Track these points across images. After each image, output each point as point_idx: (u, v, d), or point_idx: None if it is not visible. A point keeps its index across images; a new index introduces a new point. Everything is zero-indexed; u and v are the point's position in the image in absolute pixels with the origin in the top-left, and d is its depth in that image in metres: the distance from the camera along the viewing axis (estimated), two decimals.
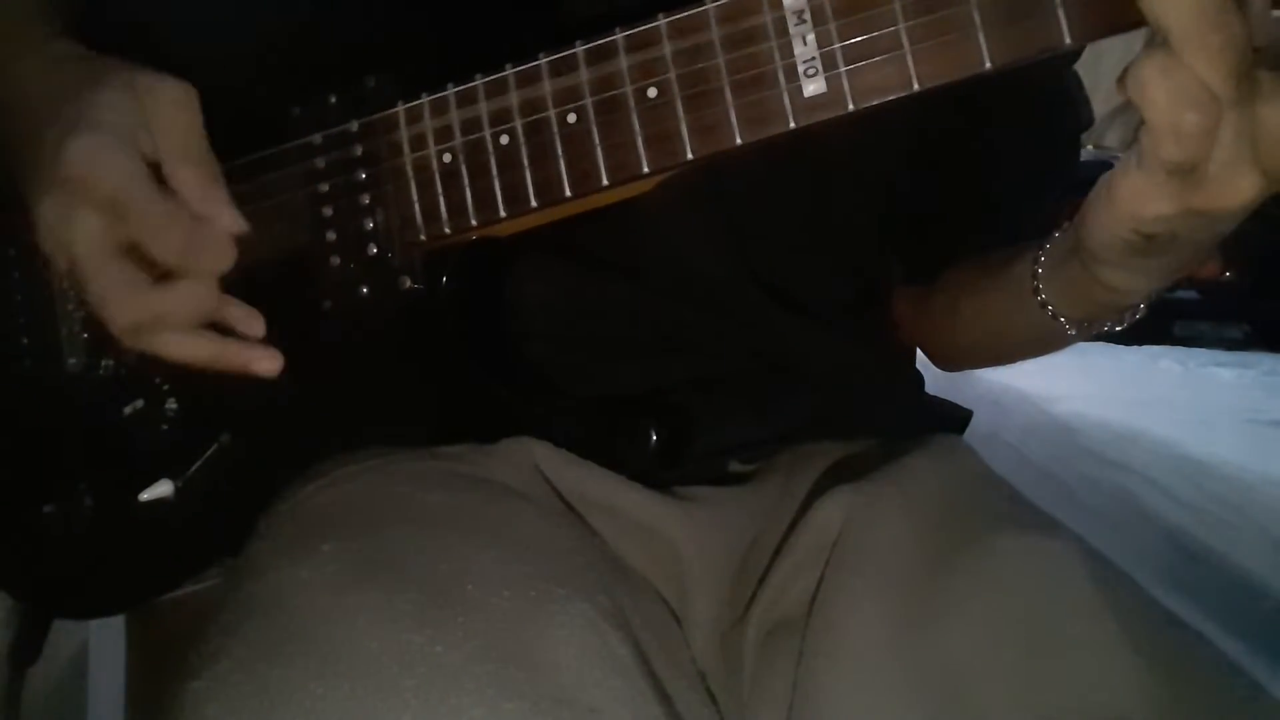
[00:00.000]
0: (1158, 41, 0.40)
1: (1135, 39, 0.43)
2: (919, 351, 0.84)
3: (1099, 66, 0.76)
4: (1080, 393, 1.46)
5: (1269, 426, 1.39)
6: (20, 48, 0.59)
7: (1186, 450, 1.24)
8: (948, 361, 0.81)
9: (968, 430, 0.78)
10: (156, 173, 0.53)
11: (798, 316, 0.70)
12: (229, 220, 0.54)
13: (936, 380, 0.80)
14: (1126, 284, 0.52)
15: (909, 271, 0.77)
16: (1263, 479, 1.14)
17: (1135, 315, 0.57)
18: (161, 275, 0.53)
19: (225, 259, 0.53)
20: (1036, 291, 0.58)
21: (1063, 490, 1.37)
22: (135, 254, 0.53)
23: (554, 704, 0.44)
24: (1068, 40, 0.42)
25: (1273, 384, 1.72)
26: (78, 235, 0.52)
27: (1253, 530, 1.11)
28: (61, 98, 0.54)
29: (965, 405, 0.79)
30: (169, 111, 0.53)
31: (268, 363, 0.56)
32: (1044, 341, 0.65)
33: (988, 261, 0.68)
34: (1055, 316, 0.58)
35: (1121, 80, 0.41)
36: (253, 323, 0.57)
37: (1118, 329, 0.58)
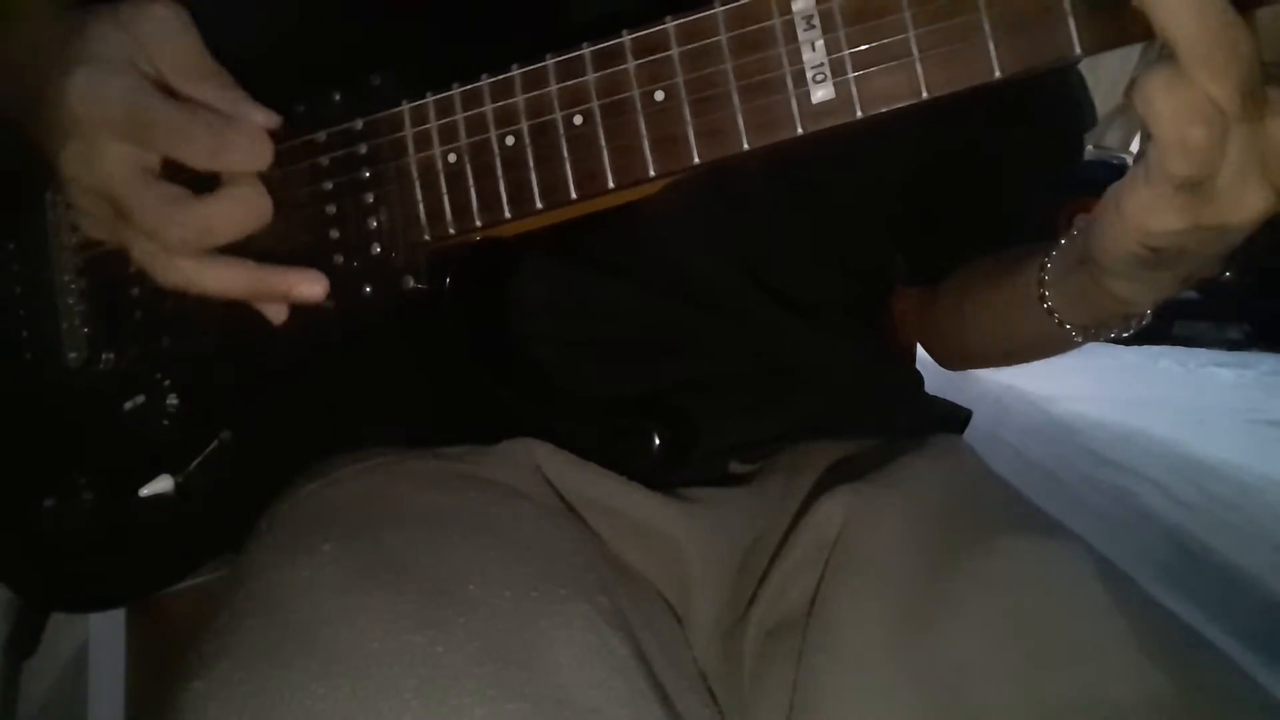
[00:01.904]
0: (1165, 55, 0.39)
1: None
2: (919, 351, 0.84)
3: (1098, 67, 0.77)
4: (1080, 393, 1.46)
5: (1269, 426, 1.39)
6: (11, 12, 0.59)
7: (1186, 450, 1.24)
8: (952, 361, 0.81)
9: (968, 430, 0.78)
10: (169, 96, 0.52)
11: (798, 317, 0.70)
12: (260, 115, 0.52)
13: (936, 380, 0.80)
14: (1134, 295, 0.52)
15: (914, 272, 0.77)
16: (1263, 479, 1.14)
17: (1142, 322, 0.57)
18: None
19: (263, 153, 0.52)
20: (1043, 299, 0.58)
21: (1063, 490, 1.37)
22: (172, 175, 0.52)
23: (555, 704, 0.44)
24: (1078, 50, 0.42)
25: (1273, 384, 1.72)
26: (107, 167, 0.51)
27: (1253, 530, 1.11)
28: (55, 48, 0.53)
29: (965, 405, 0.79)
30: (162, 33, 0.52)
31: (309, 286, 0.54)
32: (1049, 345, 0.65)
33: (992, 265, 0.67)
34: (1061, 323, 0.58)
35: (1129, 92, 0.41)
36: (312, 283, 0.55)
37: (1125, 335, 0.58)
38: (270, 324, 0.57)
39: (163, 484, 0.64)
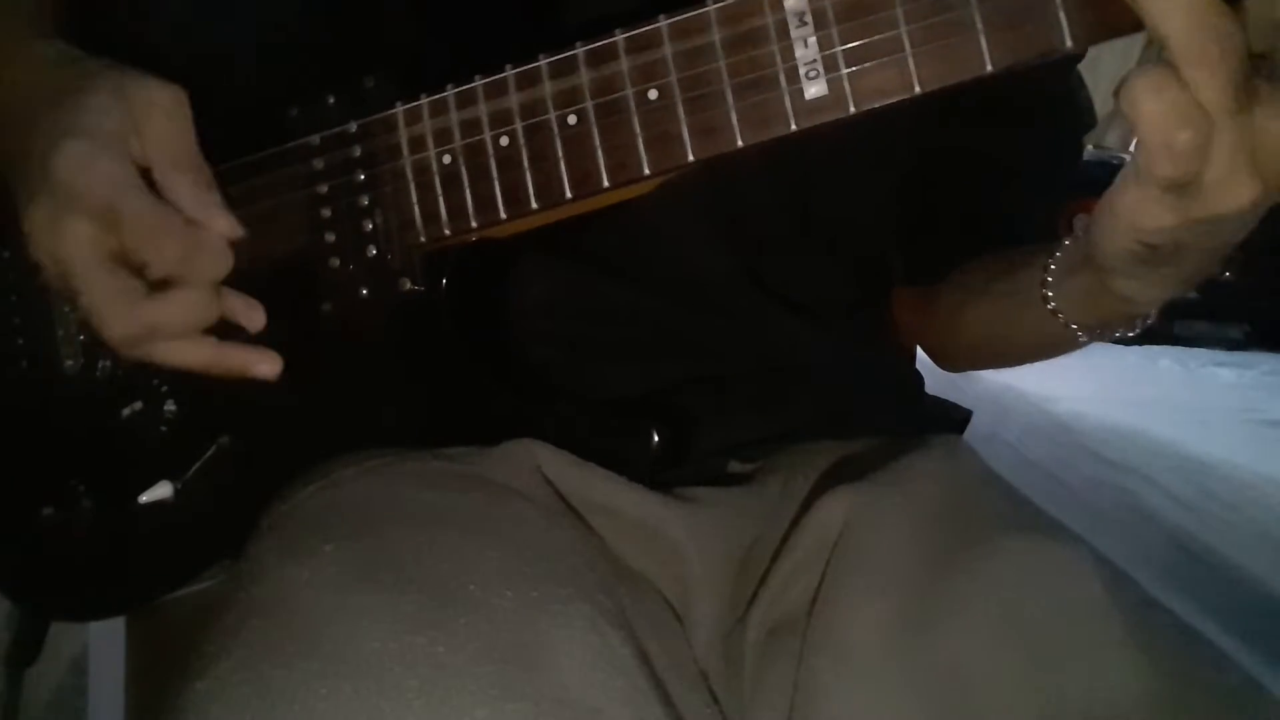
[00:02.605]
0: (1154, 52, 0.40)
1: (1134, 42, 0.43)
2: (919, 351, 0.84)
3: (1097, 68, 0.77)
4: (1080, 393, 1.45)
5: (1269, 426, 1.39)
6: (8, 51, 0.59)
7: (1186, 450, 1.24)
8: (951, 362, 0.81)
9: (968, 430, 0.78)
10: (147, 179, 0.52)
11: (798, 317, 0.70)
12: (225, 225, 0.53)
13: (936, 380, 0.80)
14: (1138, 293, 0.51)
15: (913, 272, 0.77)
16: (1263, 479, 1.14)
17: (1147, 321, 0.57)
18: (157, 284, 0.52)
19: (222, 265, 0.53)
20: (1046, 300, 0.58)
21: (1063, 490, 1.37)
22: (128, 263, 0.52)
23: (556, 705, 0.44)
24: (1068, 44, 0.42)
25: (1273, 384, 1.71)
26: (68, 244, 0.51)
27: (1253, 530, 1.10)
28: (49, 103, 0.53)
29: (965, 405, 0.79)
30: (159, 117, 0.52)
31: (266, 366, 0.56)
32: (1052, 346, 0.65)
33: (994, 265, 0.67)
34: (1066, 323, 0.58)
35: (1116, 94, 0.41)
36: (253, 315, 0.56)
37: (1130, 335, 0.58)
38: (267, 331, 0.57)
39: (162, 490, 0.64)
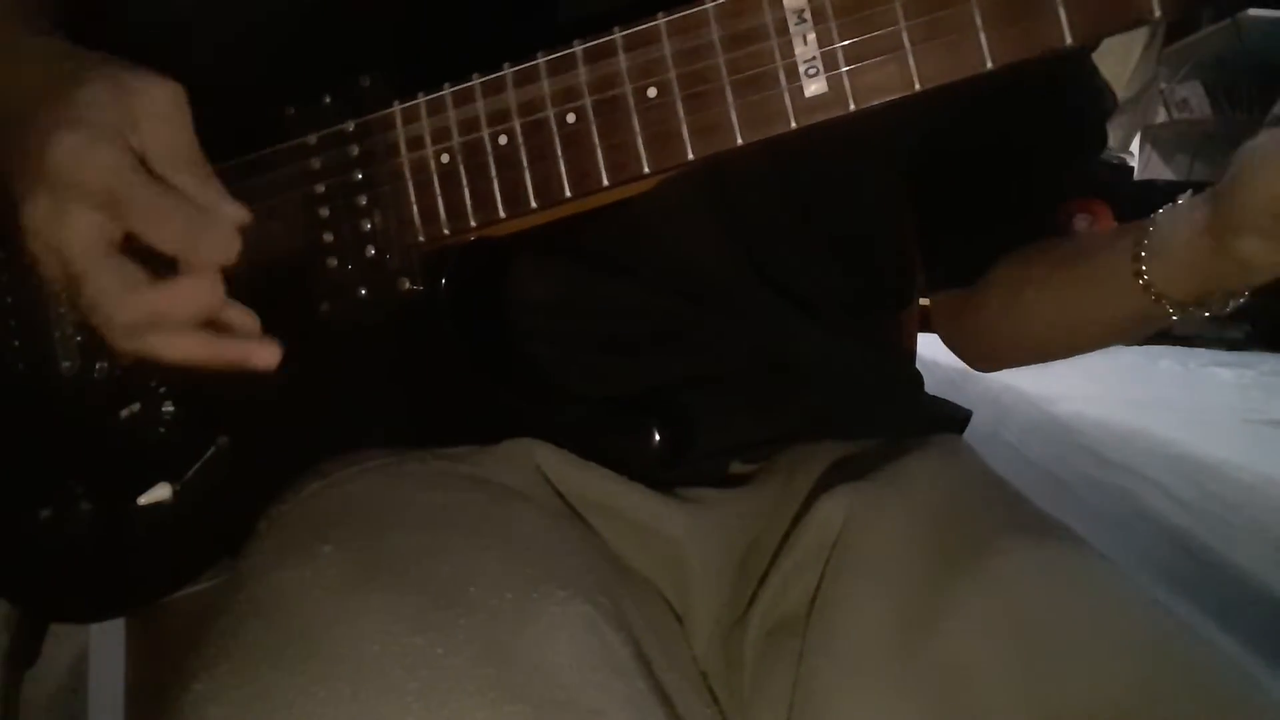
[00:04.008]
0: (1154, 51, 0.40)
1: (1134, 38, 0.43)
2: (919, 351, 0.84)
3: (1100, 66, 0.76)
4: (1080, 393, 1.45)
5: (1269, 426, 1.39)
6: (2, 45, 0.59)
7: (1186, 450, 1.24)
8: (996, 360, 0.81)
9: (968, 430, 0.78)
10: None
11: (800, 315, 0.70)
12: (231, 212, 0.52)
13: (936, 381, 0.80)
14: (1264, 256, 0.51)
15: (952, 274, 0.77)
16: (1263, 479, 1.14)
17: (1239, 300, 0.57)
18: (159, 275, 0.52)
19: (230, 247, 0.52)
20: (1139, 274, 0.57)
21: (1063, 490, 1.37)
22: (130, 252, 0.51)
23: (556, 706, 0.44)
24: (1069, 40, 0.42)
25: (1273, 384, 1.71)
26: (71, 233, 0.51)
27: (1253, 530, 1.10)
28: (44, 97, 0.53)
29: (965, 405, 0.79)
30: (157, 112, 0.52)
31: (265, 354, 0.55)
32: (1131, 327, 0.64)
33: (1056, 252, 0.67)
34: (1159, 298, 0.57)
35: None
36: (249, 323, 0.56)
37: (1223, 313, 0.57)
38: (262, 332, 0.56)
39: (161, 492, 0.64)
